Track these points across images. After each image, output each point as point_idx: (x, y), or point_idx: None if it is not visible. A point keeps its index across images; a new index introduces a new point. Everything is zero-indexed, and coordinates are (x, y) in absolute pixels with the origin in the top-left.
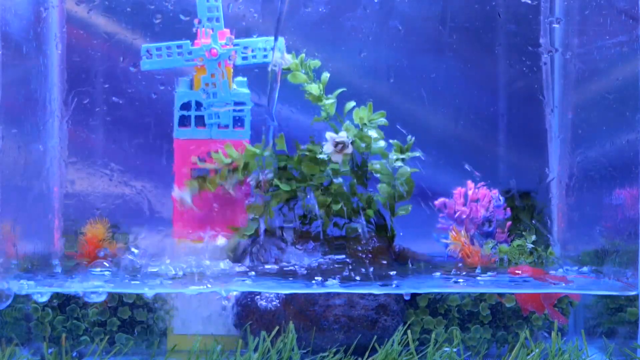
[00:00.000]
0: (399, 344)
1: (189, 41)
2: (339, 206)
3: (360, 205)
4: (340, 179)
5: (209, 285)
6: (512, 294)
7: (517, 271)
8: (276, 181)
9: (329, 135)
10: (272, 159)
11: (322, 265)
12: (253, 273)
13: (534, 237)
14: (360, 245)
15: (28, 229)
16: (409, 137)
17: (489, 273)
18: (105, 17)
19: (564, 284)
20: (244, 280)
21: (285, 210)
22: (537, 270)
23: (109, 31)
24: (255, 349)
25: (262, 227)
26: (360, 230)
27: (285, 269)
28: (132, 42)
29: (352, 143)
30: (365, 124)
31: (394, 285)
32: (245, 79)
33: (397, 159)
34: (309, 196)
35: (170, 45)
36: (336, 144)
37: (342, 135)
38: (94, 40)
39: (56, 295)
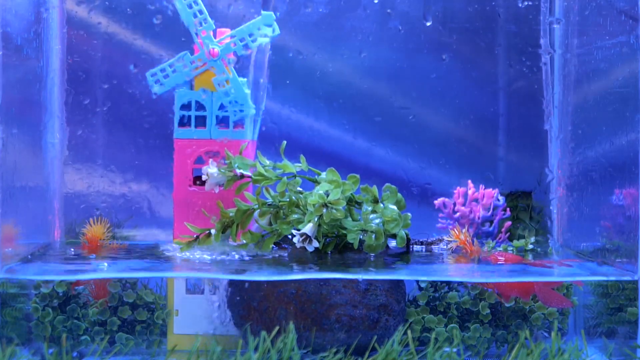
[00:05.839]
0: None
1: (187, 52)
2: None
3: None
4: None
5: None
6: (486, 284)
7: (499, 257)
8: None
9: (294, 231)
10: (265, 208)
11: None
12: None
13: (533, 239)
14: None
15: (28, 230)
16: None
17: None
18: (106, 18)
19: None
20: None
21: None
22: (516, 257)
23: (109, 32)
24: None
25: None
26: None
27: None
28: (132, 42)
29: (319, 225)
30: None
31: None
32: (245, 79)
33: (372, 211)
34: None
35: (172, 63)
36: (301, 236)
37: (306, 228)
38: (94, 40)
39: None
